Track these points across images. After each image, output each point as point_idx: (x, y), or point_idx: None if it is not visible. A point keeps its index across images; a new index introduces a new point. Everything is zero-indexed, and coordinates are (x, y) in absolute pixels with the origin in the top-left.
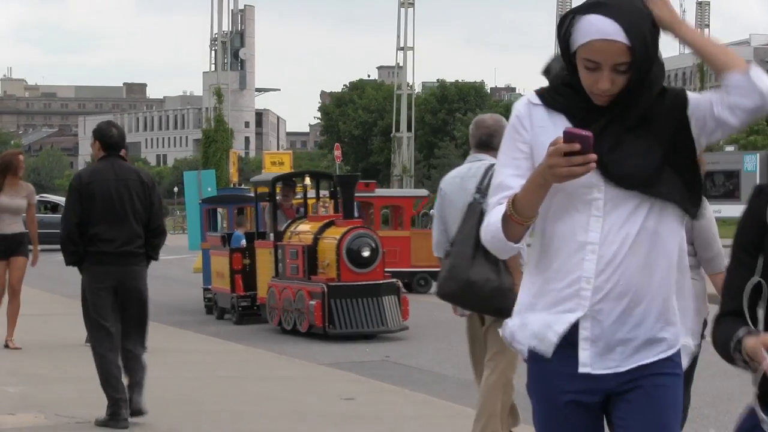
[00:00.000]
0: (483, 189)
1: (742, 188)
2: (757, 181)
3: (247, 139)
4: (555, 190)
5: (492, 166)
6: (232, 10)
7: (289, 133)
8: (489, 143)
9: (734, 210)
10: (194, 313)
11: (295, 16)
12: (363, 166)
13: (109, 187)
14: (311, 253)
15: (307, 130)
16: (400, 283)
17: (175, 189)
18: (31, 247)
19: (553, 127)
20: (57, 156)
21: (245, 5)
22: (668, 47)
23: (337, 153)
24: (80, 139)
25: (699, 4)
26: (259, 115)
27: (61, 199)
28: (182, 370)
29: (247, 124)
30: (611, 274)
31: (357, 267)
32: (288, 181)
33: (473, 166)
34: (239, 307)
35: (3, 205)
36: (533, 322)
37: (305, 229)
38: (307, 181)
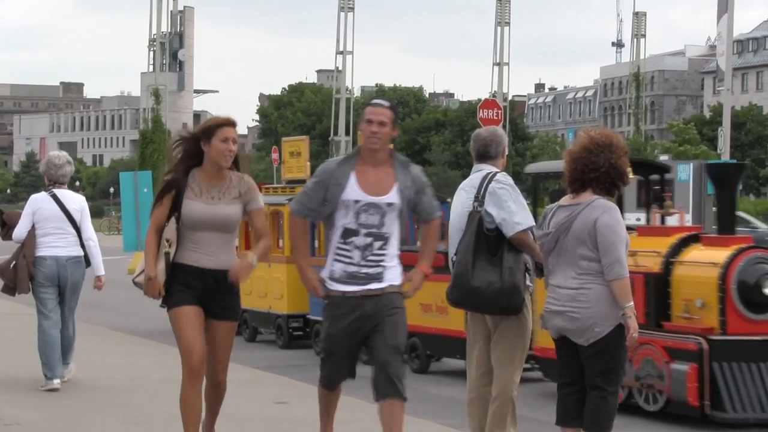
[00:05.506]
0: (480, 198)
1: (676, 197)
2: (690, 190)
3: None
4: None
5: (488, 174)
6: (171, 11)
7: None
8: (485, 153)
9: (668, 219)
10: (127, 315)
11: (235, 18)
12: None
13: None
14: (660, 285)
15: (245, 132)
16: None
17: (111, 190)
18: None
19: None
20: None
21: (185, 6)
22: (605, 55)
23: (275, 156)
24: (15, 138)
25: (635, 14)
26: (198, 117)
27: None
28: (116, 372)
29: (185, 126)
30: None
31: (755, 312)
32: None
33: (474, 176)
34: None
35: (196, 215)
36: None
37: (637, 247)
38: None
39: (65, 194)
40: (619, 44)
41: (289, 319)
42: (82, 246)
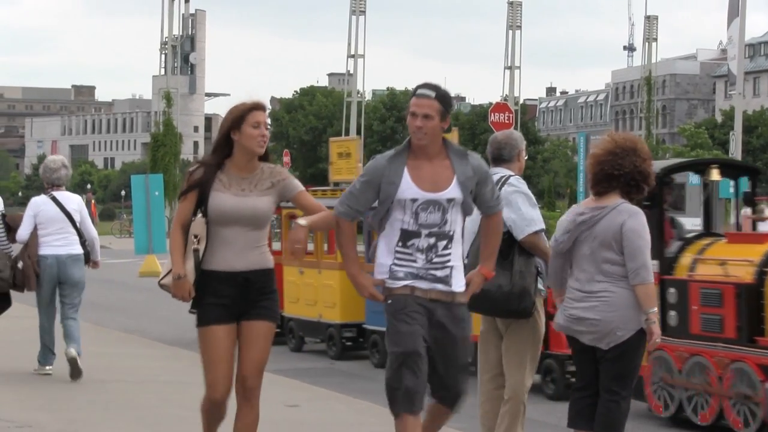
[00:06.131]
0: None
1: (688, 201)
2: (701, 195)
3: (196, 143)
4: None
5: (502, 178)
6: (183, 15)
7: None
8: (500, 157)
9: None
10: (137, 317)
11: (247, 21)
12: (312, 172)
13: None
14: (754, 297)
15: None
16: None
17: (123, 193)
18: None
19: None
20: (3, 157)
21: (196, 10)
22: (617, 59)
23: (286, 159)
24: (27, 140)
25: (647, 17)
26: (209, 120)
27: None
28: (125, 374)
29: (196, 129)
30: None
31: None
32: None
33: None
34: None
35: (226, 208)
36: None
37: (727, 255)
38: (714, 175)
39: (64, 196)
40: (630, 48)
41: (341, 329)
42: (83, 245)
